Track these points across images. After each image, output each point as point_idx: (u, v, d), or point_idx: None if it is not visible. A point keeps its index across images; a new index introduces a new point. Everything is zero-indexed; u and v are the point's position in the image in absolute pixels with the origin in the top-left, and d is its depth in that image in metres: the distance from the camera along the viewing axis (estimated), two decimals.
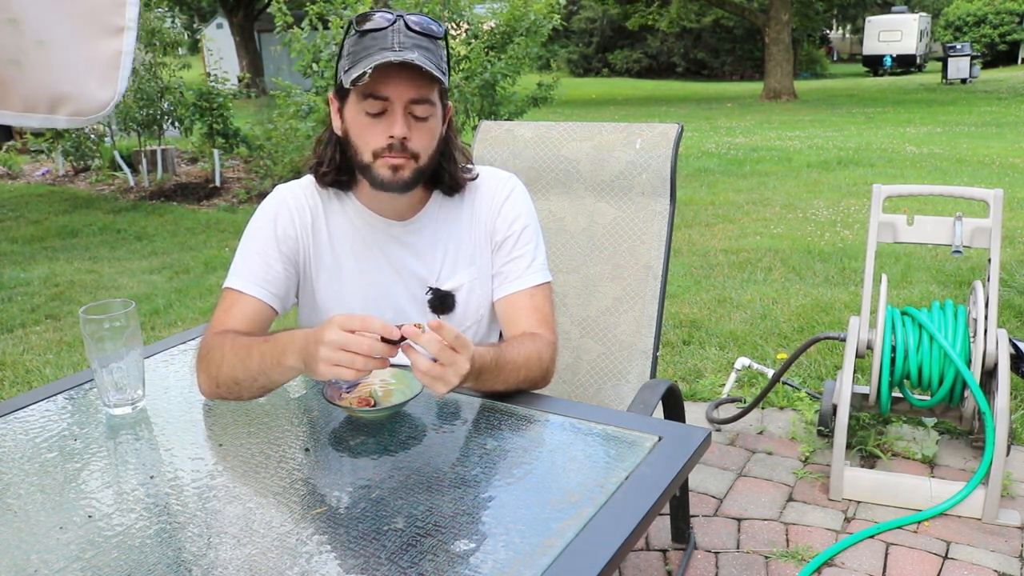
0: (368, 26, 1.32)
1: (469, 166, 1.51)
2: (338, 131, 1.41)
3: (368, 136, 1.34)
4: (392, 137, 1.32)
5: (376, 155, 1.35)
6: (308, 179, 1.49)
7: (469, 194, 1.52)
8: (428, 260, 1.48)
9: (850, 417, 2.53)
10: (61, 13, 1.13)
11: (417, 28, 1.32)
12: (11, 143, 10.65)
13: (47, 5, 1.12)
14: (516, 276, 1.48)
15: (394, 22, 1.31)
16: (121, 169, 8.50)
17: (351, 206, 1.47)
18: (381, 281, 1.47)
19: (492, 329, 1.55)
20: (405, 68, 1.28)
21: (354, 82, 1.29)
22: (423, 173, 1.39)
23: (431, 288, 1.48)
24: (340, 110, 1.40)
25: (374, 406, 1.28)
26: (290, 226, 1.44)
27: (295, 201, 1.46)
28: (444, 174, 1.46)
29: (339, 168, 1.43)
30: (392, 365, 1.40)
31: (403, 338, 1.13)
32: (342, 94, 1.38)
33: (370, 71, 1.26)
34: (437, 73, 1.29)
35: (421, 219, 1.48)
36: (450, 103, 1.47)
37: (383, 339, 1.11)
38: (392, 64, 1.27)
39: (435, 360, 1.14)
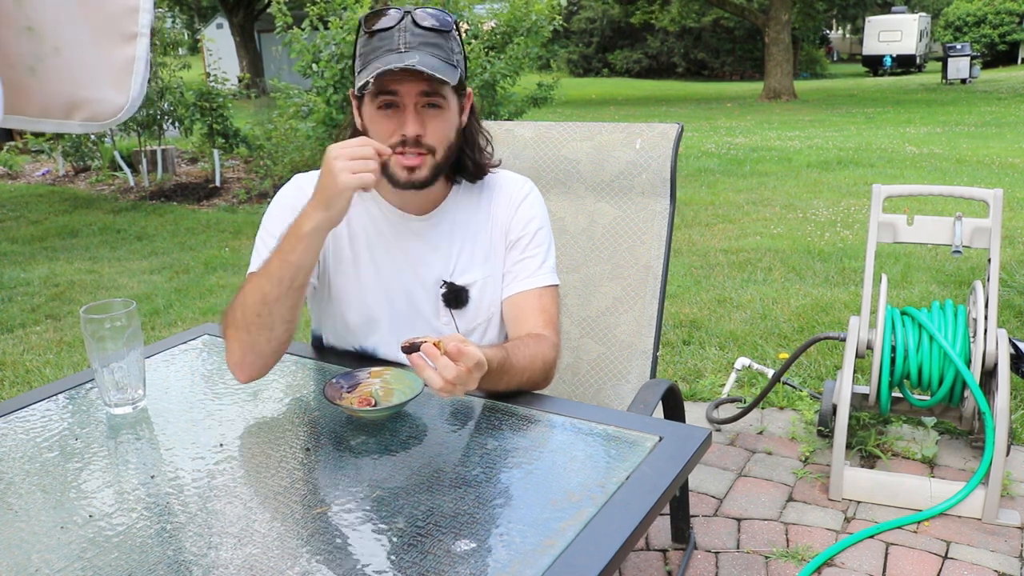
0: (376, 26, 1.33)
1: (489, 150, 1.52)
2: (360, 128, 1.43)
3: (383, 133, 1.36)
4: (404, 135, 1.33)
5: (392, 151, 1.36)
6: None
7: (487, 191, 1.53)
8: (444, 254, 1.48)
9: (850, 417, 2.53)
10: (77, 20, 1.15)
11: (425, 24, 1.32)
12: (11, 143, 10.66)
13: (63, 13, 1.14)
14: (526, 275, 1.49)
15: (401, 20, 1.31)
16: (121, 169, 8.50)
17: (369, 199, 1.48)
18: (396, 274, 1.48)
19: (502, 330, 1.55)
20: (411, 69, 1.28)
21: (360, 89, 1.32)
22: (441, 168, 1.40)
23: (446, 282, 1.48)
24: (359, 108, 1.42)
25: (374, 406, 1.28)
26: None
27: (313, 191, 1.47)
28: (468, 162, 1.47)
29: None
30: (392, 365, 1.41)
31: (417, 348, 1.15)
32: (359, 94, 1.39)
33: (372, 80, 1.28)
34: (442, 75, 1.29)
35: (439, 214, 1.49)
36: (470, 89, 1.47)
37: (403, 347, 1.17)
38: (394, 70, 1.27)
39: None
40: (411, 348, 1.16)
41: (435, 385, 1.14)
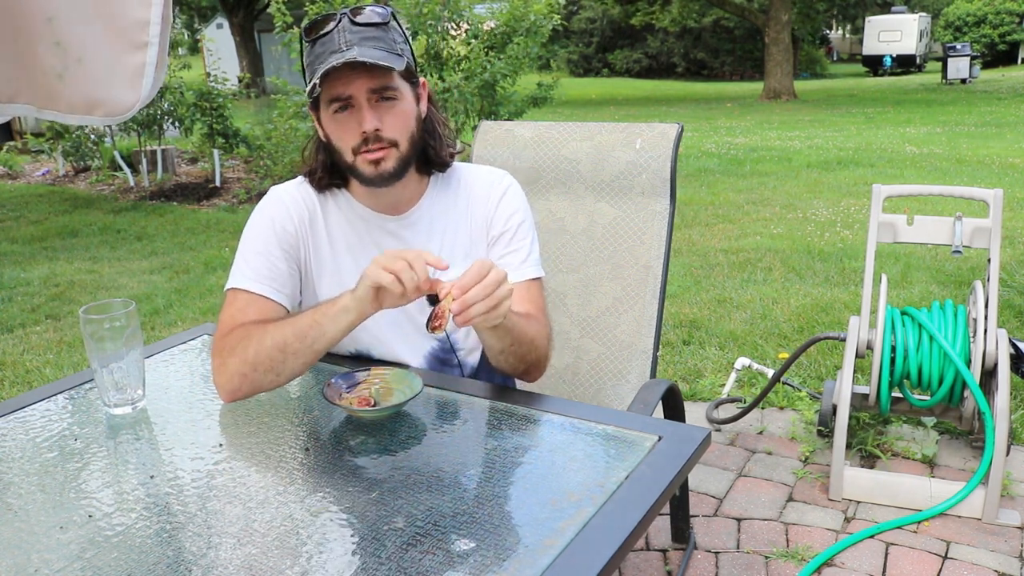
0: (316, 33, 1.35)
1: (451, 136, 1.53)
2: (323, 138, 1.44)
3: (344, 136, 1.37)
4: (364, 132, 1.34)
5: (356, 152, 1.37)
6: (303, 178, 1.50)
7: (464, 187, 1.53)
8: None
9: (850, 417, 2.53)
10: (96, 35, 1.36)
11: (361, 20, 1.34)
12: (11, 143, 10.66)
13: (85, 29, 1.36)
14: (512, 269, 1.49)
15: (339, 21, 1.33)
16: (121, 169, 8.50)
17: (346, 204, 1.48)
18: None
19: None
20: (356, 64, 1.29)
21: (310, 94, 1.34)
22: (407, 159, 1.41)
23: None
24: (318, 119, 1.43)
25: (374, 406, 1.28)
26: (289, 223, 1.45)
27: (292, 200, 1.47)
28: (431, 152, 1.48)
29: (332, 172, 1.46)
30: (392, 365, 1.41)
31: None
32: (315, 104, 1.40)
33: (319, 81, 1.30)
34: (386, 63, 1.30)
35: (416, 213, 1.49)
36: (423, 79, 1.47)
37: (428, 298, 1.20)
38: (337, 67, 1.29)
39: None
40: (432, 299, 1.20)
41: (482, 308, 1.16)
